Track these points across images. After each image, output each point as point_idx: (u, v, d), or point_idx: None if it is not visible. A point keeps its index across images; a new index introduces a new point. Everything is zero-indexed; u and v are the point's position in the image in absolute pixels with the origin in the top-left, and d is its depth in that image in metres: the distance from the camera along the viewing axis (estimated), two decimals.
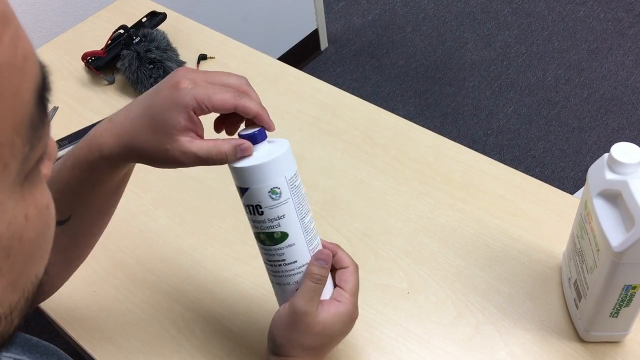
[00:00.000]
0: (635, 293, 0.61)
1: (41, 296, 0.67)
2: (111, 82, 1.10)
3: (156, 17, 1.15)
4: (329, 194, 0.88)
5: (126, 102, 1.07)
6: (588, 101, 2.14)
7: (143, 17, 1.15)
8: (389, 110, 0.99)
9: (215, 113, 0.56)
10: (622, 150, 0.59)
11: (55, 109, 1.07)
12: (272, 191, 0.54)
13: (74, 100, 1.08)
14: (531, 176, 0.87)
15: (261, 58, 1.12)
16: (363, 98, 1.02)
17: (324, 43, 2.46)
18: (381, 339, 0.72)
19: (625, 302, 0.63)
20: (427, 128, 0.96)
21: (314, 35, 2.38)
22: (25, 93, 0.26)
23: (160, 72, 1.02)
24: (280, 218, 0.56)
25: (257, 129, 0.55)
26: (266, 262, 0.59)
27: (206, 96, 0.53)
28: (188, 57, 1.10)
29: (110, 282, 0.82)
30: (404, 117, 0.98)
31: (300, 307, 0.56)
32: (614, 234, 0.58)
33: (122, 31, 1.09)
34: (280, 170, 0.54)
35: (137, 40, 1.03)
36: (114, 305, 0.79)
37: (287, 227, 0.56)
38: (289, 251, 0.57)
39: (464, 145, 0.93)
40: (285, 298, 0.60)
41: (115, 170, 0.59)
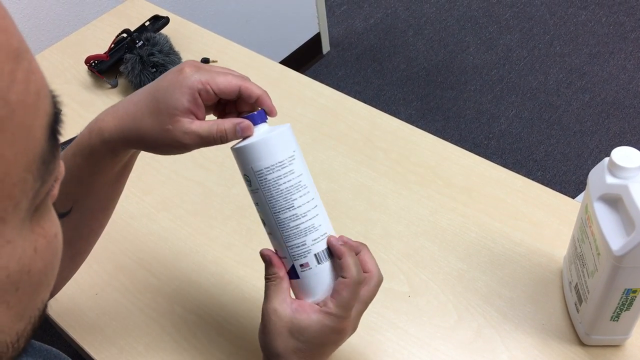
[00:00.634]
0: (635, 297, 0.61)
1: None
2: (114, 86, 1.11)
3: (159, 21, 1.16)
4: (330, 197, 0.88)
5: None
6: (589, 105, 2.14)
7: (146, 21, 1.16)
8: (391, 113, 1.00)
9: (218, 98, 0.56)
10: (623, 154, 0.60)
11: None
12: (245, 178, 0.55)
13: (77, 103, 1.09)
14: (533, 180, 0.87)
15: (263, 62, 1.12)
16: (365, 102, 1.02)
17: (326, 47, 2.46)
18: (382, 342, 0.73)
19: (625, 306, 0.63)
20: (429, 132, 0.96)
21: (316, 39, 2.39)
22: (37, 130, 0.25)
23: None
24: (256, 204, 0.56)
25: (257, 111, 0.56)
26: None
27: (211, 77, 0.54)
28: None
29: (112, 285, 0.82)
30: (406, 121, 0.98)
31: (263, 307, 0.56)
32: (615, 238, 0.59)
33: (125, 35, 1.10)
34: (250, 160, 0.54)
35: (140, 44, 1.04)
36: (116, 307, 0.79)
37: (263, 215, 0.56)
38: (270, 238, 0.58)
39: (466, 149, 0.93)
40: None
41: (115, 157, 0.59)
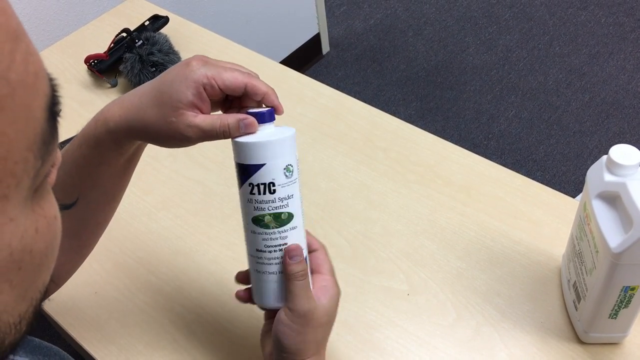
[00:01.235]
0: (634, 294, 0.62)
1: (52, 287, 0.67)
2: (114, 85, 1.11)
3: (159, 21, 1.16)
4: (330, 197, 0.89)
5: None
6: (589, 105, 2.14)
7: (146, 21, 1.16)
8: (391, 114, 1.00)
9: (223, 93, 0.56)
10: (621, 152, 0.60)
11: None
12: (287, 168, 0.55)
13: (77, 103, 1.09)
14: (532, 180, 0.87)
15: (263, 61, 1.13)
16: (364, 102, 1.02)
17: (326, 47, 2.47)
18: (381, 341, 0.73)
19: (624, 304, 0.63)
20: (429, 132, 0.96)
21: (316, 39, 2.39)
22: (37, 110, 0.26)
23: None
24: (289, 197, 0.56)
25: (267, 109, 0.56)
26: (260, 250, 0.57)
27: (217, 72, 0.54)
28: None
29: (111, 284, 0.82)
30: (406, 121, 0.98)
31: (304, 308, 0.56)
32: (613, 236, 0.59)
33: (125, 34, 1.10)
34: (293, 148, 0.56)
35: (140, 43, 1.04)
36: (116, 306, 0.79)
37: (294, 208, 0.56)
38: (292, 234, 0.57)
39: (465, 149, 0.93)
40: (272, 289, 0.58)
41: (120, 148, 0.59)
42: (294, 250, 0.57)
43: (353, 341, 0.73)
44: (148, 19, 1.16)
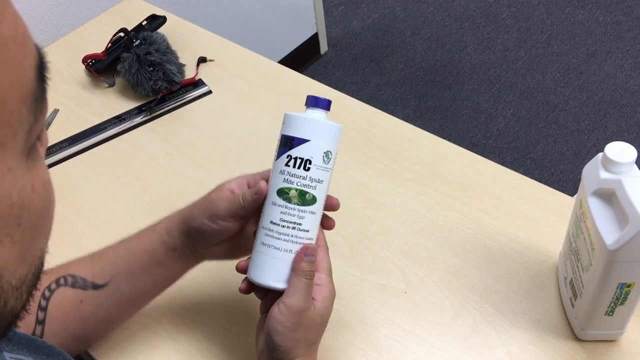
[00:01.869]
0: (630, 291, 0.62)
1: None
2: (111, 85, 1.11)
3: (156, 21, 1.16)
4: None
5: (126, 105, 1.08)
6: (587, 104, 2.15)
7: (143, 21, 1.16)
8: (389, 113, 1.00)
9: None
10: (617, 149, 0.60)
11: (55, 112, 1.08)
12: (326, 154, 0.58)
13: (75, 102, 1.09)
14: (530, 179, 0.88)
15: (261, 61, 1.13)
16: (363, 101, 1.03)
17: (324, 47, 2.47)
18: (379, 339, 0.73)
19: (620, 301, 0.63)
20: (427, 131, 0.96)
21: (314, 39, 2.39)
22: (27, 67, 0.28)
23: (159, 75, 1.03)
24: (319, 182, 0.58)
25: (327, 98, 0.60)
26: (275, 222, 0.58)
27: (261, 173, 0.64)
28: (188, 60, 1.11)
29: None
30: (404, 120, 0.98)
31: (301, 306, 0.56)
32: (609, 233, 0.59)
33: (123, 34, 1.10)
34: (337, 141, 0.60)
35: (137, 43, 1.04)
36: None
37: (319, 194, 0.59)
38: (308, 218, 0.58)
39: (463, 148, 0.93)
40: (272, 265, 0.58)
41: (173, 250, 0.65)
42: (313, 249, 0.58)
43: (351, 339, 0.73)
44: (145, 19, 1.16)
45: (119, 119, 1.05)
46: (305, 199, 0.58)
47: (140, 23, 1.16)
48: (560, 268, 0.75)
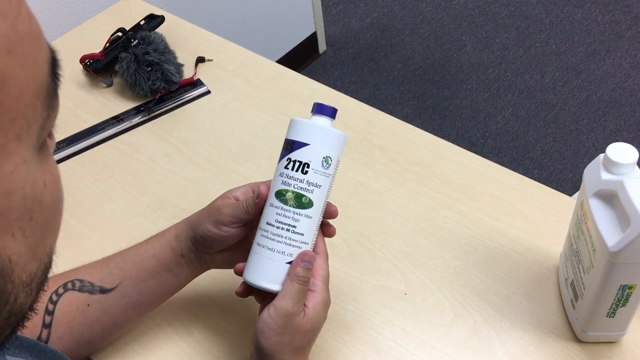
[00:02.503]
0: (631, 293, 0.62)
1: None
2: (109, 85, 1.11)
3: (154, 20, 1.15)
4: None
5: (124, 105, 1.07)
6: (586, 103, 2.14)
7: (141, 20, 1.15)
8: (387, 112, 1.00)
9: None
10: (618, 150, 0.60)
11: None
12: (326, 159, 0.59)
13: (72, 102, 1.09)
14: (529, 178, 0.87)
15: (259, 61, 1.12)
16: (361, 101, 1.02)
17: (323, 46, 2.47)
18: (379, 340, 0.73)
19: (621, 302, 0.63)
20: (425, 130, 0.96)
21: (313, 38, 2.39)
22: (41, 63, 0.29)
23: (158, 75, 1.03)
24: (317, 186, 0.59)
25: (333, 107, 0.61)
26: (270, 223, 0.59)
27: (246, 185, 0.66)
28: (186, 60, 1.11)
29: None
30: (402, 120, 0.98)
31: (289, 309, 0.56)
32: (610, 234, 0.59)
33: (120, 34, 1.09)
34: (339, 148, 0.61)
35: (135, 43, 1.04)
36: None
37: (316, 198, 0.59)
38: (304, 221, 0.58)
39: (462, 147, 0.93)
40: (265, 266, 0.59)
41: (181, 256, 0.65)
42: (310, 256, 0.58)
43: (350, 341, 0.73)
44: (143, 19, 1.16)
45: (117, 119, 1.04)
46: (301, 202, 0.58)
47: (138, 23, 1.15)
48: (560, 269, 0.75)
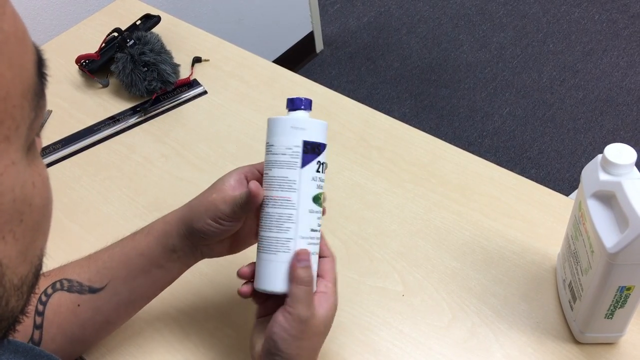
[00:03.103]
0: (629, 294, 0.61)
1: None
2: (105, 85, 1.10)
3: (150, 20, 1.15)
4: None
5: (120, 105, 1.07)
6: (583, 102, 2.14)
7: (137, 20, 1.15)
8: (385, 112, 0.99)
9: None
10: (616, 151, 0.59)
11: (49, 113, 1.06)
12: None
13: (68, 103, 1.08)
14: (526, 178, 0.87)
15: (256, 61, 1.12)
16: (359, 100, 1.02)
17: (320, 45, 2.46)
18: (376, 342, 0.72)
19: (620, 304, 0.63)
20: (423, 130, 0.96)
21: (310, 37, 2.38)
22: (28, 62, 0.29)
23: (154, 75, 1.02)
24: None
25: (308, 98, 0.60)
26: (315, 229, 0.59)
27: (256, 164, 0.64)
28: (182, 60, 1.10)
29: None
30: (400, 119, 0.98)
31: (305, 314, 0.56)
32: (608, 235, 0.58)
33: (116, 34, 1.09)
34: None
35: (131, 43, 1.03)
36: None
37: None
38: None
39: (460, 147, 0.93)
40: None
41: (172, 252, 0.64)
42: (303, 254, 0.57)
43: (348, 343, 0.72)
44: (139, 19, 1.15)
45: (113, 120, 1.04)
46: (321, 202, 0.60)
47: (134, 23, 1.15)
48: (558, 270, 0.75)
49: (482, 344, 0.71)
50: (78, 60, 1.11)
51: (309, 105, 0.60)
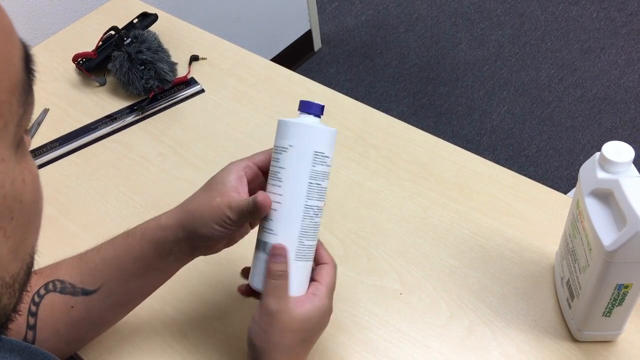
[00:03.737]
0: (627, 292, 0.61)
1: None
2: (102, 84, 1.10)
3: (147, 18, 1.15)
4: None
5: (117, 104, 1.07)
6: (581, 100, 2.14)
7: (134, 18, 1.15)
8: (383, 110, 0.99)
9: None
10: (614, 149, 0.59)
11: (46, 111, 1.06)
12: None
13: (65, 102, 1.08)
14: (524, 176, 0.87)
15: (254, 59, 1.12)
16: (357, 98, 1.02)
17: (318, 44, 2.46)
18: (374, 340, 0.72)
19: (617, 302, 0.63)
20: (421, 128, 0.96)
21: (308, 35, 2.38)
22: (15, 58, 0.29)
23: (151, 74, 1.02)
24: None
25: (321, 104, 0.61)
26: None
27: (251, 156, 0.63)
28: (180, 59, 1.10)
29: None
30: (398, 118, 0.98)
31: (271, 307, 0.56)
32: (606, 233, 0.58)
33: (113, 32, 1.09)
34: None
35: (128, 41, 1.03)
36: None
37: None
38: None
39: (458, 145, 0.93)
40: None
41: (169, 253, 0.63)
42: (279, 249, 0.58)
43: (346, 341, 0.72)
44: (137, 17, 1.15)
45: (110, 119, 1.03)
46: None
47: (131, 21, 1.15)
48: (556, 268, 0.74)
49: (480, 342, 0.71)
50: (75, 58, 1.11)
51: (322, 111, 0.61)
